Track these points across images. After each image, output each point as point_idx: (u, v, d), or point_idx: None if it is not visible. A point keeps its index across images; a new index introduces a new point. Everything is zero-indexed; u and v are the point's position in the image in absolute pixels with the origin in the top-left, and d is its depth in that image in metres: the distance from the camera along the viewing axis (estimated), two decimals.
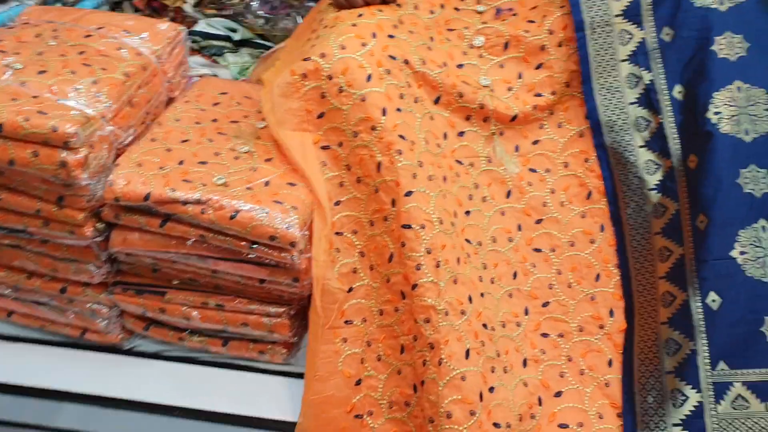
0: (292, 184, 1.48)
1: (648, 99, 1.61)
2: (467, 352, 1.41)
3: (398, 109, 1.51)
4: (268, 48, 2.63)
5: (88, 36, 1.60)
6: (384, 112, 1.49)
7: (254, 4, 2.61)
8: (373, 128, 1.49)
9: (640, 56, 1.63)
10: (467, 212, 1.57)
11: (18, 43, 1.56)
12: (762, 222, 1.47)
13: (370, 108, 1.49)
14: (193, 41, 2.58)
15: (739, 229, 1.47)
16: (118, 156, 1.48)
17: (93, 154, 1.39)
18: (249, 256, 1.44)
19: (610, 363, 1.55)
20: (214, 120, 1.63)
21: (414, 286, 1.43)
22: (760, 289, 1.44)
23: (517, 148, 1.68)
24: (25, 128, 1.34)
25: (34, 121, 1.34)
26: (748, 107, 1.52)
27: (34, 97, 1.40)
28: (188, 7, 2.65)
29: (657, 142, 1.59)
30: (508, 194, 1.64)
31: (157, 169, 1.46)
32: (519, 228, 1.63)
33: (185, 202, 1.41)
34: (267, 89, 1.58)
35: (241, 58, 2.55)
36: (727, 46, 1.55)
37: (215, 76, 2.52)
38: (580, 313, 1.59)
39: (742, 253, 1.45)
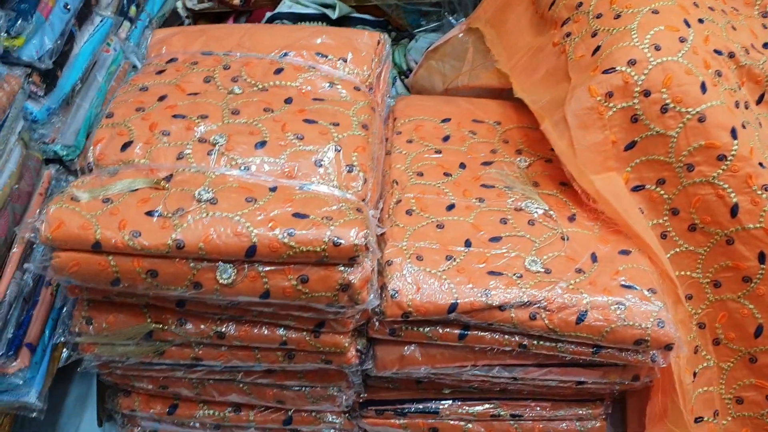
0: (625, 253, 1.07)
1: None
2: None
3: (744, 126, 1.09)
4: (371, 24, 2.14)
5: (279, 71, 1.11)
6: (734, 134, 1.07)
7: None
8: (722, 158, 1.07)
9: None
10: None
11: (190, 97, 1.07)
12: None
13: (714, 130, 1.07)
14: None
15: None
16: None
17: (370, 260, 0.94)
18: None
19: None
20: (462, 165, 1.18)
21: None
22: None
23: None
24: (291, 247, 0.88)
25: (301, 236, 0.88)
26: None
27: (272, 189, 0.94)
28: None
29: None
30: None
31: (445, 261, 1.02)
32: None
33: (506, 307, 0.98)
34: (551, 120, 1.13)
35: None
36: None
37: None
38: None
39: None
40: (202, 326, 0.98)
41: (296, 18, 2.12)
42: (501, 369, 1.07)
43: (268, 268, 0.89)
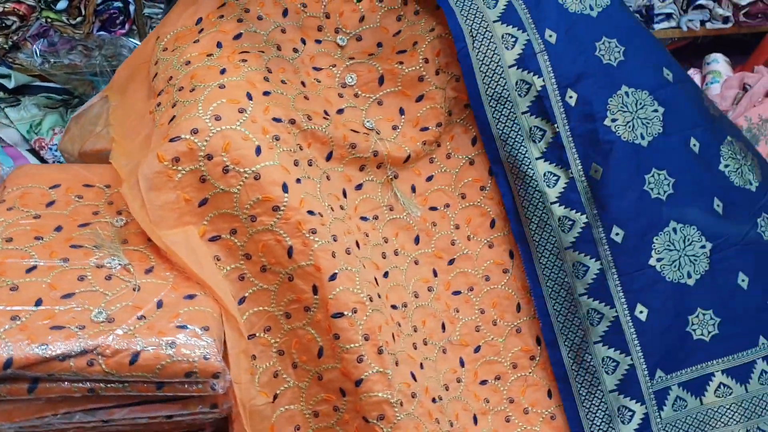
0: (190, 297, 1.21)
1: (541, 107, 1.49)
2: None
3: (298, 180, 1.30)
4: (56, 91, 2.20)
5: None
6: (285, 188, 1.27)
7: (28, 43, 2.15)
8: (276, 209, 1.26)
9: (528, 60, 1.48)
10: (385, 274, 1.41)
11: None
12: (672, 224, 1.49)
13: (268, 186, 1.26)
14: None
15: (654, 236, 1.48)
16: None
17: None
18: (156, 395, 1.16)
19: (549, 394, 1.51)
20: (58, 228, 1.27)
21: (358, 382, 1.26)
22: (680, 290, 1.48)
23: (413, 189, 1.54)
24: None
25: None
26: (638, 111, 1.52)
27: None
28: None
29: (554, 153, 1.48)
30: (417, 240, 1.51)
31: (9, 320, 1.10)
32: (435, 274, 1.51)
33: (64, 357, 1.08)
34: (128, 183, 1.26)
35: (27, 112, 2.10)
36: (607, 51, 1.53)
37: None
38: (510, 349, 1.52)
39: (658, 259, 1.47)
40: None
41: None
42: (83, 414, 1.16)
43: None
